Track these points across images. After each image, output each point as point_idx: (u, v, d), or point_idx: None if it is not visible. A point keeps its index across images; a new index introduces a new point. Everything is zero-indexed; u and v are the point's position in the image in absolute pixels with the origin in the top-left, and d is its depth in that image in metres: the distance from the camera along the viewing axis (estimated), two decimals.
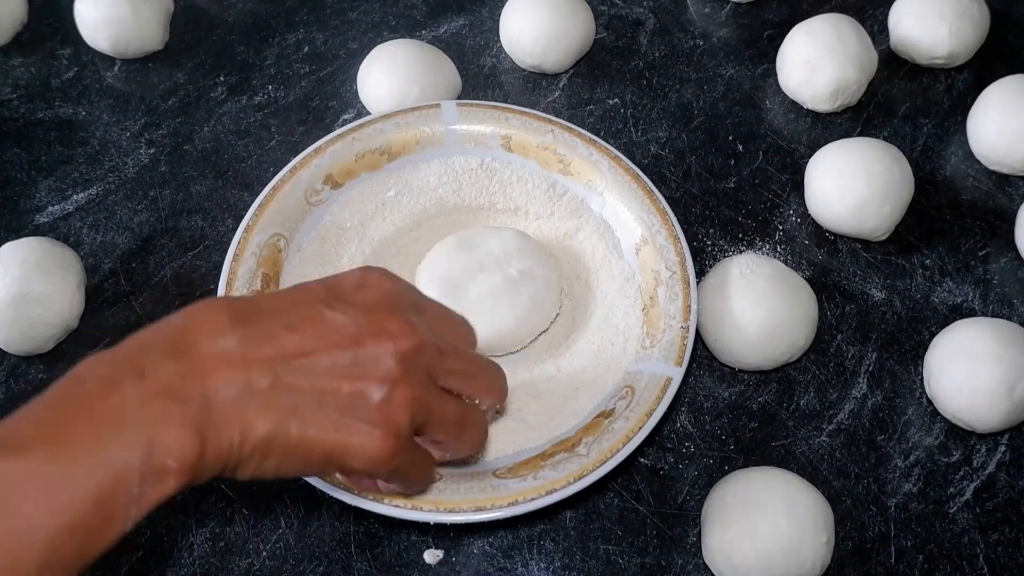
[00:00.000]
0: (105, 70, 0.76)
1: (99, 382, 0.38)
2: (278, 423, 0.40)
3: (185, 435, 0.37)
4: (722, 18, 0.79)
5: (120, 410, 0.37)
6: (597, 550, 0.55)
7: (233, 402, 0.39)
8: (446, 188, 0.65)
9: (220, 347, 0.40)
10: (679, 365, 0.55)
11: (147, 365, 0.39)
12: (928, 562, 0.55)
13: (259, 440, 0.39)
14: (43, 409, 0.38)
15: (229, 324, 0.40)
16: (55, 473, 0.36)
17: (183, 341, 0.40)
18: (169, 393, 0.38)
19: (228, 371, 0.39)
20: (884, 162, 0.64)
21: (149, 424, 0.37)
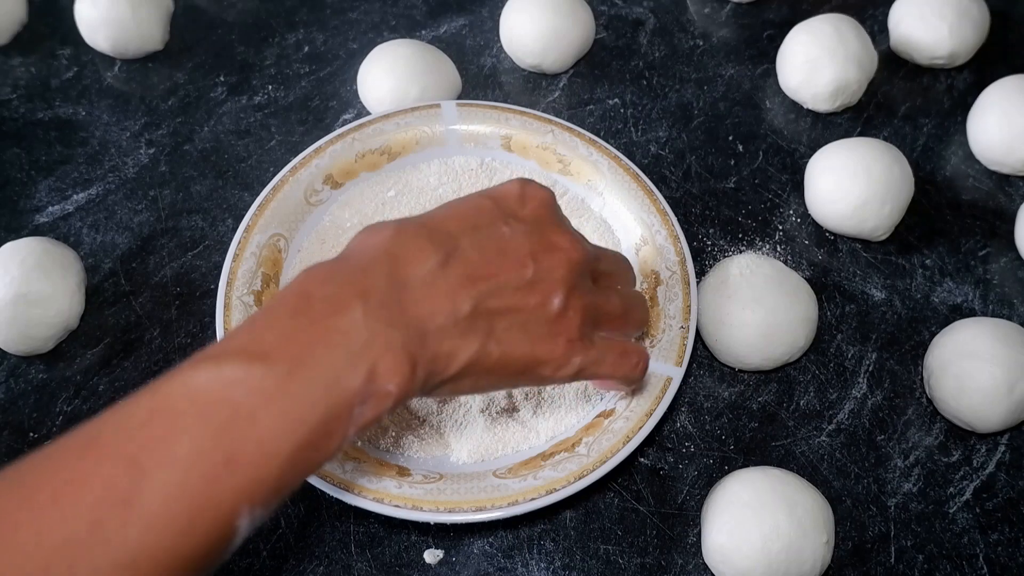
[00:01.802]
0: (105, 70, 0.76)
1: (327, 302, 0.40)
2: (480, 347, 0.43)
3: (402, 361, 0.40)
4: (722, 18, 0.79)
5: (348, 332, 0.39)
6: (597, 550, 0.55)
7: (442, 330, 0.42)
8: (446, 188, 0.65)
9: (427, 274, 0.42)
10: (679, 365, 0.55)
11: (369, 289, 0.41)
12: (928, 562, 0.55)
13: (463, 365, 0.43)
14: (278, 321, 0.40)
15: (433, 250, 0.43)
16: (294, 390, 0.37)
17: (396, 267, 0.42)
18: (389, 319, 0.40)
19: (436, 298, 0.42)
20: (884, 162, 0.64)
21: (372, 349, 0.39)
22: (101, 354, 0.62)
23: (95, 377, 0.61)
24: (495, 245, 0.45)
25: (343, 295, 0.40)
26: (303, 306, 0.40)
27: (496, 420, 0.56)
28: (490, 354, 0.43)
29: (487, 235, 0.45)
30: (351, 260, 0.43)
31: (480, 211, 0.46)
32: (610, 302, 0.49)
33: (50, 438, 0.58)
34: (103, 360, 0.62)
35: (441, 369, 0.42)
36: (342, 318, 0.39)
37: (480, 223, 0.45)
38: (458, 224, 0.45)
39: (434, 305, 0.42)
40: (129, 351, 0.62)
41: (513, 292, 0.44)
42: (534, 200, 0.48)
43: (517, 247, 0.45)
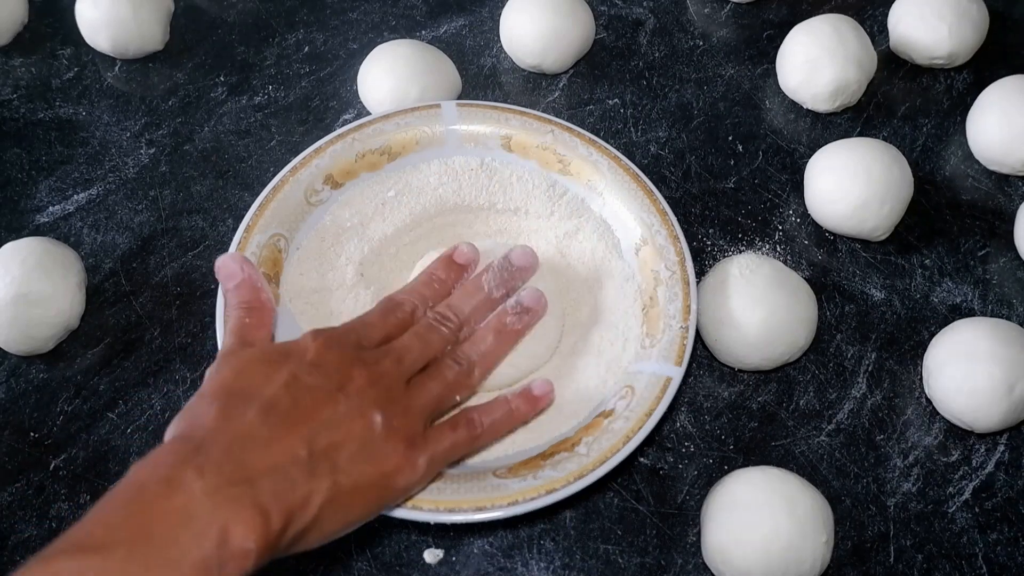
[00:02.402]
0: (105, 70, 0.76)
1: (161, 484, 0.40)
2: (332, 484, 0.44)
3: (254, 516, 0.41)
4: (722, 18, 0.79)
5: (186, 507, 0.40)
6: (597, 550, 0.56)
7: (288, 477, 0.43)
8: (446, 188, 0.65)
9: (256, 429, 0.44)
10: (679, 365, 0.55)
11: (206, 460, 0.41)
12: (927, 561, 0.55)
13: (322, 503, 0.44)
14: (110, 513, 0.40)
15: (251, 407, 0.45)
16: (136, 571, 0.37)
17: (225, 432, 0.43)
18: (230, 481, 0.41)
19: (273, 449, 0.43)
20: (884, 162, 0.64)
21: (219, 513, 0.40)
22: (101, 354, 0.62)
23: (95, 377, 0.61)
24: (302, 393, 0.46)
25: (175, 474, 0.41)
26: (136, 495, 0.40)
27: None
28: (342, 485, 0.45)
29: (292, 386, 0.46)
30: (178, 440, 0.44)
31: (270, 365, 0.47)
32: (428, 393, 0.51)
33: (50, 438, 0.59)
34: (103, 360, 0.62)
35: (299, 514, 0.43)
36: (179, 495, 0.40)
37: (275, 376, 0.46)
38: (256, 382, 0.46)
39: (273, 456, 0.43)
40: (129, 351, 0.62)
41: (336, 427, 0.46)
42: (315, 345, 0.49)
43: (321, 389, 0.47)
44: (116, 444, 0.59)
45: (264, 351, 0.49)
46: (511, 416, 0.53)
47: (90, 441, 0.59)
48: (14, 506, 0.57)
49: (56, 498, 0.57)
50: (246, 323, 0.51)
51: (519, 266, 0.57)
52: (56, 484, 0.57)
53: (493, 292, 0.56)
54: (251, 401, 0.45)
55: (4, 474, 0.58)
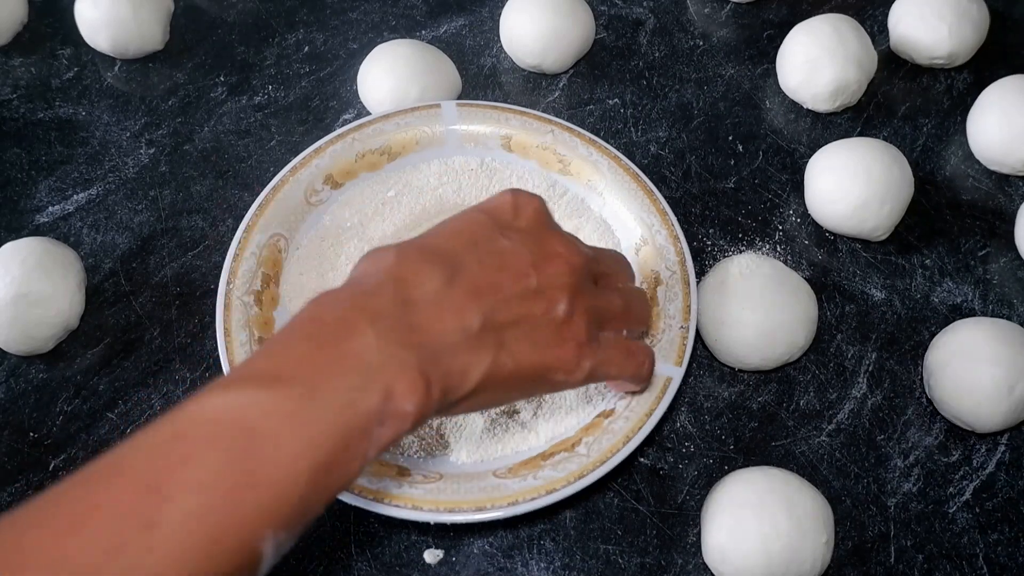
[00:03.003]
0: (105, 70, 0.76)
1: (338, 325, 0.40)
2: (493, 360, 0.43)
3: (417, 381, 0.40)
4: (722, 18, 0.79)
5: (361, 355, 0.40)
6: (597, 550, 0.55)
7: (454, 347, 0.42)
8: (446, 188, 0.65)
9: (434, 293, 0.43)
10: (679, 365, 0.55)
11: (378, 312, 0.41)
12: (928, 562, 0.55)
13: (479, 379, 0.43)
14: (292, 346, 0.40)
15: (436, 270, 0.43)
16: (312, 411, 0.38)
17: (403, 289, 0.42)
18: (401, 341, 0.41)
19: (445, 316, 0.42)
20: (884, 162, 0.64)
21: (386, 370, 0.40)
22: (101, 354, 0.62)
23: (95, 377, 0.61)
24: (496, 258, 0.45)
25: (354, 318, 0.41)
26: (315, 331, 0.40)
27: (496, 420, 0.56)
28: (503, 366, 0.44)
29: (487, 249, 0.45)
30: (358, 285, 0.43)
31: (477, 226, 0.47)
32: (612, 302, 0.50)
33: (50, 438, 0.59)
34: (103, 360, 0.62)
35: (456, 386, 0.42)
36: (354, 341, 0.40)
37: (478, 238, 0.46)
38: (457, 241, 0.45)
39: (444, 323, 0.42)
40: (129, 351, 0.62)
41: (519, 302, 0.45)
42: (527, 209, 0.48)
43: (517, 258, 0.46)
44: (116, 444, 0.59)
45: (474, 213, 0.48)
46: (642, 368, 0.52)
47: (90, 441, 0.59)
48: (13, 506, 0.56)
49: None
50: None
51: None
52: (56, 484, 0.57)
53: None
54: (439, 258, 0.44)
55: (3, 474, 0.58)
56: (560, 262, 0.47)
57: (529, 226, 0.48)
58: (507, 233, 0.47)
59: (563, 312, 0.46)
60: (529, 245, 0.46)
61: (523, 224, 0.48)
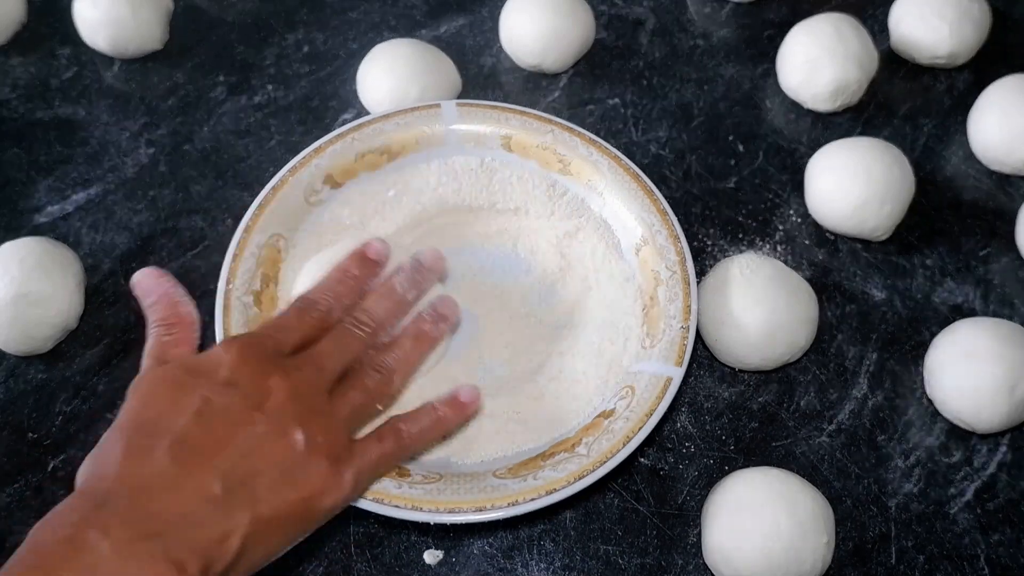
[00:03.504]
0: (104, 70, 0.76)
1: (65, 545, 0.38)
2: (252, 516, 0.42)
3: (168, 569, 0.38)
4: (722, 18, 0.79)
5: (95, 567, 0.38)
6: (597, 550, 0.55)
7: (201, 519, 0.41)
8: (446, 188, 0.65)
9: (163, 472, 0.41)
10: (679, 365, 0.55)
11: (109, 516, 0.39)
12: (929, 563, 0.55)
13: (242, 540, 0.42)
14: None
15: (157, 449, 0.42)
16: None
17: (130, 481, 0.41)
18: (139, 535, 0.39)
19: (182, 492, 0.41)
20: (884, 162, 0.63)
21: (129, 572, 0.38)
22: (101, 354, 0.62)
23: (95, 377, 0.61)
24: (215, 418, 0.44)
25: (78, 534, 0.38)
26: (38, 562, 0.38)
27: (496, 421, 0.56)
28: (263, 517, 0.42)
29: (203, 411, 0.44)
30: (80, 496, 0.41)
31: (180, 389, 0.45)
32: (350, 402, 0.49)
33: (49, 438, 0.59)
34: (103, 360, 0.62)
35: (218, 555, 0.41)
36: (84, 558, 0.38)
37: (184, 402, 0.44)
38: (165, 411, 0.44)
39: (184, 499, 0.41)
40: (129, 351, 0.62)
41: (255, 452, 0.43)
42: (230, 357, 0.46)
43: (235, 407, 0.44)
44: None
45: (173, 371, 0.46)
46: (438, 423, 0.51)
47: (89, 442, 0.59)
48: (12, 507, 0.57)
49: (55, 499, 0.56)
50: (164, 341, 0.48)
51: (428, 267, 0.56)
52: (55, 485, 0.57)
53: (406, 294, 0.54)
54: (159, 436, 0.42)
55: (2, 475, 0.58)
56: (280, 395, 0.45)
57: (232, 375, 0.45)
58: (214, 389, 0.45)
59: (303, 442, 0.44)
60: (245, 393, 0.45)
61: (224, 375, 0.45)
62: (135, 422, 0.44)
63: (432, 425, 0.51)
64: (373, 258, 0.56)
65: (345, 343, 0.51)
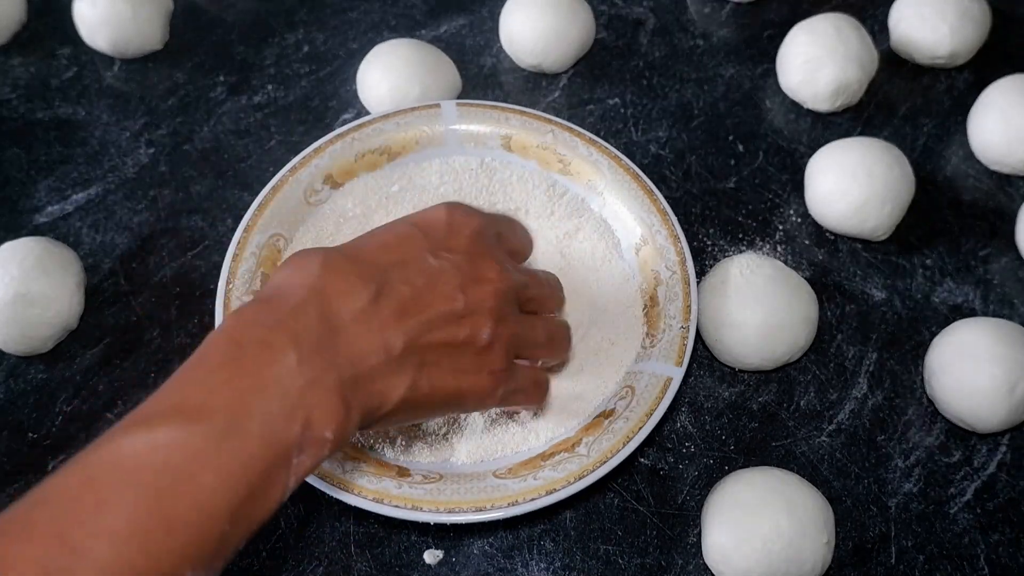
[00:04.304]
0: (104, 70, 0.76)
1: (258, 347, 0.39)
2: (411, 383, 0.43)
3: (337, 407, 0.40)
4: (722, 18, 0.79)
5: (283, 380, 0.39)
6: (597, 550, 0.55)
7: (375, 369, 0.42)
8: (447, 187, 0.65)
9: (359, 311, 0.42)
10: (679, 365, 0.55)
11: (301, 332, 0.40)
12: (929, 562, 0.55)
13: (396, 402, 0.43)
14: (209, 374, 0.39)
15: (362, 286, 0.43)
16: (231, 446, 0.37)
17: (326, 306, 0.42)
18: (323, 362, 0.40)
19: (369, 337, 0.42)
20: (885, 162, 0.63)
21: (308, 396, 0.39)
22: (101, 354, 0.62)
23: (95, 377, 0.61)
24: (424, 278, 0.45)
25: (275, 340, 0.39)
26: (234, 354, 0.39)
27: (496, 421, 0.56)
28: (420, 389, 0.44)
29: (416, 268, 0.45)
30: (280, 299, 0.42)
31: (408, 241, 0.46)
32: (536, 330, 0.50)
33: (49, 438, 0.59)
34: (103, 360, 0.62)
35: (375, 408, 0.42)
36: (276, 365, 0.39)
37: (408, 256, 0.45)
38: (386, 256, 0.45)
39: (367, 344, 0.42)
40: (129, 351, 0.62)
41: (443, 326, 0.44)
42: (463, 231, 0.47)
43: (446, 279, 0.45)
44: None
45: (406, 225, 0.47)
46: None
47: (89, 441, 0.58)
48: None
49: None
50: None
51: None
52: None
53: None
54: (367, 275, 0.43)
55: (2, 475, 0.58)
56: (487, 287, 0.46)
57: (461, 246, 0.47)
58: (438, 252, 0.46)
59: (486, 339, 0.46)
60: (458, 267, 0.46)
61: (454, 244, 0.47)
62: (351, 249, 0.45)
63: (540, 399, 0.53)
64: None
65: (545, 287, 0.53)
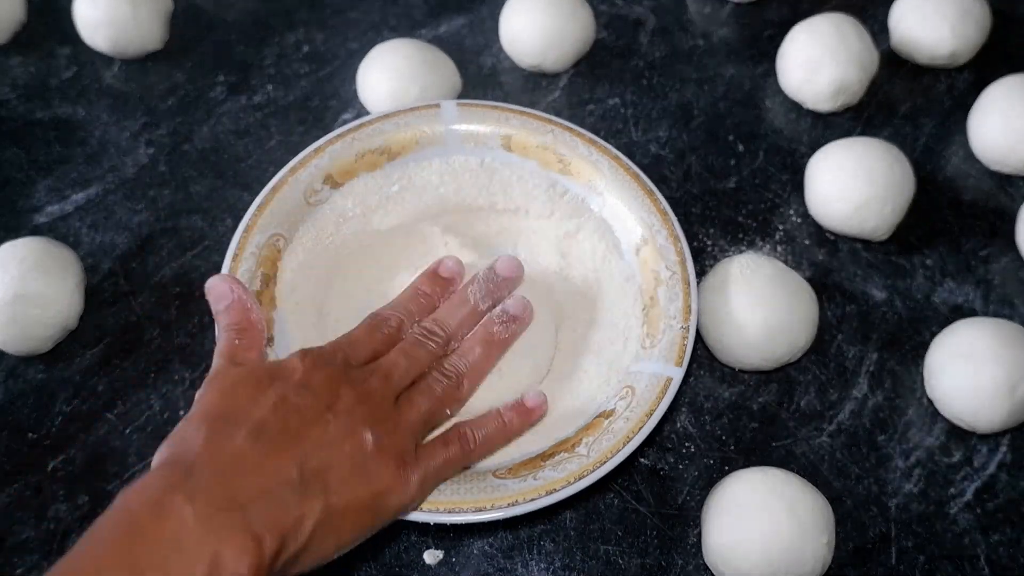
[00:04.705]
0: (104, 70, 0.76)
1: (152, 509, 0.40)
2: (324, 504, 0.44)
3: (245, 540, 0.40)
4: (722, 18, 0.79)
5: (179, 534, 0.39)
6: (597, 550, 0.55)
7: (281, 500, 0.43)
8: (447, 187, 0.65)
9: (245, 454, 0.43)
10: (679, 365, 0.55)
11: (194, 485, 0.41)
12: (929, 563, 0.55)
13: (312, 527, 0.43)
14: (98, 545, 0.39)
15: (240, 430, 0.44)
16: None
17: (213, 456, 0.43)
18: (221, 506, 0.41)
19: (262, 472, 0.43)
20: (885, 162, 0.63)
21: (209, 540, 0.39)
22: (100, 354, 0.62)
23: (94, 377, 0.61)
24: (289, 412, 0.46)
25: (166, 500, 0.40)
26: (125, 524, 0.40)
27: None
28: (335, 507, 0.44)
29: (279, 406, 0.46)
30: (166, 465, 0.43)
31: (258, 386, 0.47)
32: (416, 408, 0.50)
33: (49, 438, 0.59)
34: (102, 360, 0.62)
35: (292, 537, 0.42)
36: (170, 523, 0.39)
37: (268, 398, 0.46)
38: (248, 403, 0.46)
39: (264, 479, 0.43)
40: (128, 351, 0.62)
41: (327, 447, 0.45)
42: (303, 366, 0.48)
43: (309, 407, 0.46)
44: (115, 445, 0.59)
45: (252, 371, 0.48)
46: (504, 429, 0.53)
47: (88, 442, 0.59)
48: (12, 507, 0.57)
49: (54, 499, 0.57)
50: (236, 344, 0.50)
51: (504, 276, 0.56)
52: (54, 485, 0.57)
53: (479, 304, 0.55)
54: (240, 424, 0.44)
55: (2, 475, 0.58)
56: (350, 399, 0.47)
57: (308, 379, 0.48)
58: (290, 389, 0.47)
59: (371, 442, 0.46)
60: (318, 395, 0.47)
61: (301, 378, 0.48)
62: (215, 412, 0.46)
63: (498, 430, 0.52)
64: (446, 276, 0.56)
65: (414, 354, 0.52)
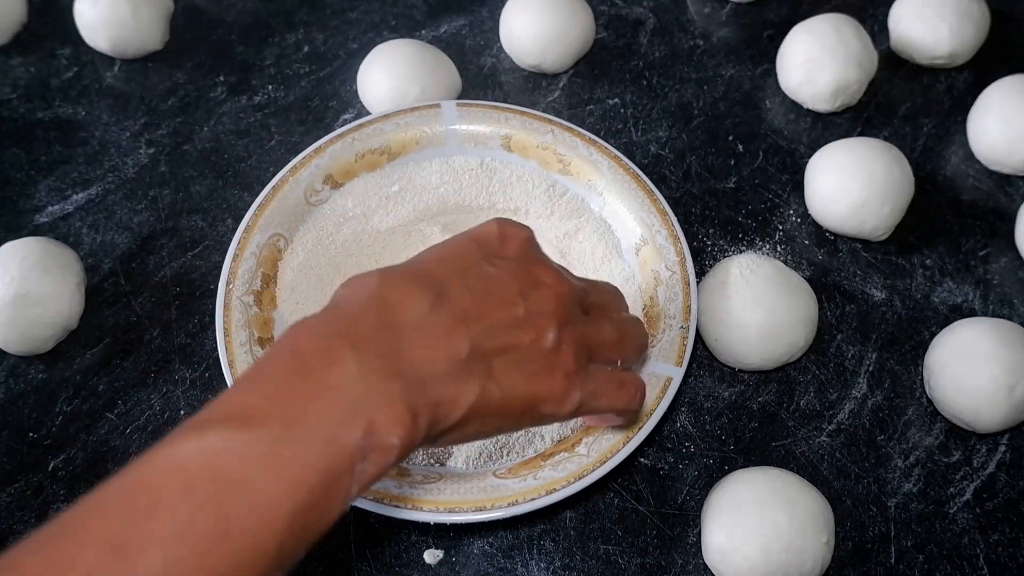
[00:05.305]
0: (105, 70, 0.76)
1: (318, 356, 0.39)
2: (482, 390, 0.42)
3: (402, 412, 0.38)
4: (722, 18, 0.79)
5: (342, 386, 0.38)
6: (597, 550, 0.55)
7: (441, 376, 0.41)
8: (447, 188, 0.65)
9: (420, 318, 0.41)
10: (679, 365, 0.55)
11: (361, 339, 0.39)
12: (928, 562, 0.55)
13: (467, 410, 0.41)
14: (268, 381, 0.38)
15: (422, 294, 0.42)
16: (288, 450, 0.36)
17: (387, 314, 0.41)
18: (385, 369, 0.39)
19: (432, 343, 0.41)
20: (884, 162, 0.64)
21: (369, 401, 0.38)
22: (101, 354, 0.62)
23: (95, 377, 0.61)
24: (483, 285, 0.44)
25: (335, 347, 0.39)
26: (292, 363, 0.39)
27: None
28: (492, 395, 0.42)
29: (474, 276, 0.44)
30: (339, 311, 0.41)
31: (463, 252, 0.45)
32: (603, 332, 0.49)
33: (49, 438, 0.59)
34: (103, 360, 0.62)
35: (444, 416, 0.41)
36: (335, 372, 0.38)
37: (464, 265, 0.45)
38: (443, 268, 0.44)
39: (430, 350, 0.41)
40: (129, 351, 0.62)
41: (507, 330, 0.43)
42: (515, 240, 0.47)
43: (505, 286, 0.44)
44: (115, 444, 0.59)
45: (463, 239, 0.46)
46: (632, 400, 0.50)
47: (89, 441, 0.59)
48: (12, 507, 0.57)
49: (55, 499, 0.57)
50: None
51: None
52: (55, 485, 0.57)
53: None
54: (426, 285, 0.42)
55: (3, 475, 0.58)
56: (547, 291, 0.45)
57: (516, 255, 0.47)
58: (493, 261, 0.45)
59: (551, 341, 0.44)
60: (516, 273, 0.45)
61: (510, 253, 0.46)
62: (409, 264, 0.45)
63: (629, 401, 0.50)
64: None
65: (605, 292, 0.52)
